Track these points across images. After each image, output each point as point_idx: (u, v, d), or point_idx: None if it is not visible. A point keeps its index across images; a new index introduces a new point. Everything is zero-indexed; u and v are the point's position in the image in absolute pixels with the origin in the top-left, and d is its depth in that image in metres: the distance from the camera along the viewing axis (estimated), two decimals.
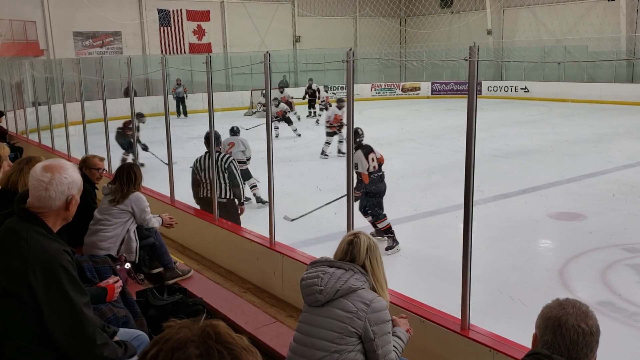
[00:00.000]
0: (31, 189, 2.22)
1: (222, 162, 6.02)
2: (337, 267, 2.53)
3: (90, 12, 23.21)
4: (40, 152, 10.64)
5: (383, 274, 2.61)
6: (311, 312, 2.52)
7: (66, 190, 2.22)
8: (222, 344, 1.06)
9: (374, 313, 2.42)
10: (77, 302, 2.15)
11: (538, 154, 12.60)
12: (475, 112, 3.25)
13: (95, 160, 4.97)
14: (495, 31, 28.43)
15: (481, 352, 3.21)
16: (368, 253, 2.57)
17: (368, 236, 2.64)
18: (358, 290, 2.46)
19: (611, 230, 7.21)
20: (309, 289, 2.50)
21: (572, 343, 1.79)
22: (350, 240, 2.60)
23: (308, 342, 2.48)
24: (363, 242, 2.58)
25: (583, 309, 1.84)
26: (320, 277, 2.49)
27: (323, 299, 2.46)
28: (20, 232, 2.14)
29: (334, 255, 2.66)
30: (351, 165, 4.17)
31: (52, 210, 2.22)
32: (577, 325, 1.79)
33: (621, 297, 5.40)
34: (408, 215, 8.24)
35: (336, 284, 2.46)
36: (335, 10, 29.39)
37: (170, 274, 4.61)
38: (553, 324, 1.82)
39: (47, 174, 2.20)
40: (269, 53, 4.80)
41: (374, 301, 2.44)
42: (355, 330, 2.41)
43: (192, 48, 26.77)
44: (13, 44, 19.64)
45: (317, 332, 2.46)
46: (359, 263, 2.56)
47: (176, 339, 1.06)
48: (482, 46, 4.97)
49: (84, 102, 9.25)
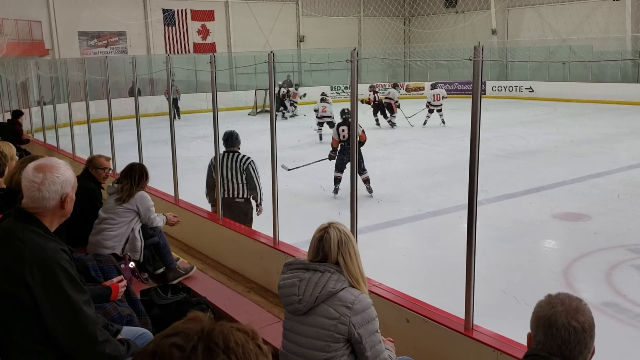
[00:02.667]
0: (24, 189, 2.21)
1: (241, 163, 5.93)
2: (313, 269, 2.42)
3: (95, 12, 23.29)
4: (45, 152, 10.68)
5: (358, 267, 2.47)
6: (295, 320, 2.46)
7: (60, 189, 2.20)
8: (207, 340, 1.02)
9: (357, 315, 2.35)
10: (76, 300, 2.15)
11: (543, 154, 12.57)
12: (479, 112, 3.24)
13: (101, 160, 4.99)
14: (499, 31, 28.38)
15: (485, 352, 3.20)
16: (340, 248, 2.43)
17: (339, 229, 2.48)
18: (338, 292, 2.36)
19: (616, 231, 7.19)
20: (288, 299, 2.43)
21: (563, 343, 1.73)
22: (320, 237, 2.47)
23: (299, 352, 2.42)
24: (333, 238, 2.44)
25: (573, 305, 1.77)
26: (296, 286, 2.40)
27: (303, 308, 2.39)
28: (16, 233, 2.14)
29: (307, 254, 2.55)
30: (354, 165, 4.17)
31: (48, 209, 2.21)
32: (568, 324, 1.73)
33: (626, 298, 5.38)
34: (412, 215, 8.23)
35: (314, 290, 2.37)
36: (340, 10, 29.37)
37: (173, 274, 4.62)
38: (544, 324, 1.77)
39: (39, 175, 2.18)
40: (273, 53, 4.80)
41: (356, 302, 2.36)
42: (342, 335, 2.35)
43: (197, 48, 26.82)
44: (18, 44, 19.71)
45: (304, 341, 2.40)
46: (331, 260, 2.44)
47: (173, 326, 1.06)
48: (487, 46, 4.98)
49: (89, 101, 9.28)
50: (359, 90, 4.11)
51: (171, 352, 0.99)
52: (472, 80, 3.23)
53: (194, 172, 9.48)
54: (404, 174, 9.58)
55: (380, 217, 7.93)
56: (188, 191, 6.67)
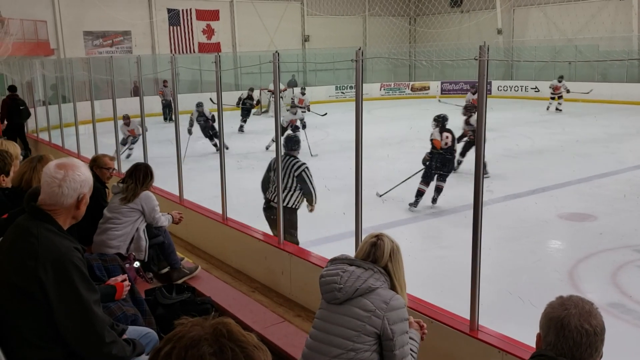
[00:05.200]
0: (44, 185, 2.24)
1: (294, 169, 5.74)
2: (357, 265, 2.53)
3: (101, 12, 23.34)
4: (51, 151, 10.72)
5: (403, 277, 2.62)
6: (329, 309, 2.52)
7: (78, 188, 2.24)
8: (234, 341, 1.07)
9: (393, 311, 2.42)
10: (88, 299, 2.17)
11: (548, 154, 12.53)
12: (485, 112, 3.24)
13: (105, 160, 4.99)
14: (505, 30, 28.27)
15: (490, 353, 3.19)
16: (391, 256, 2.57)
17: (391, 239, 2.63)
18: (377, 289, 2.46)
19: (622, 231, 7.15)
20: (328, 287, 2.51)
21: (575, 345, 1.74)
22: (374, 243, 2.60)
23: (325, 339, 2.48)
24: (387, 245, 2.58)
25: (586, 308, 1.79)
26: (339, 275, 2.49)
27: (342, 297, 2.46)
28: (31, 229, 2.16)
29: (355, 255, 2.66)
30: (359, 164, 4.15)
31: (64, 208, 2.24)
32: (581, 327, 1.74)
33: (632, 298, 5.35)
34: (417, 215, 8.22)
35: (355, 282, 2.46)
36: (345, 9, 29.36)
37: (178, 274, 4.62)
38: (556, 325, 1.78)
39: (60, 171, 2.22)
40: (278, 52, 4.80)
41: (393, 299, 2.45)
42: (374, 328, 2.41)
43: (202, 47, 26.84)
44: (24, 44, 19.75)
45: (334, 329, 2.46)
46: (381, 265, 2.56)
47: (189, 336, 1.07)
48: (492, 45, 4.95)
49: (94, 101, 9.31)
50: (364, 90, 4.10)
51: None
52: (478, 79, 3.22)
53: (199, 172, 9.51)
54: (409, 173, 9.54)
55: (384, 217, 7.91)
56: (193, 191, 6.67)
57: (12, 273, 2.12)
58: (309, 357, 2.53)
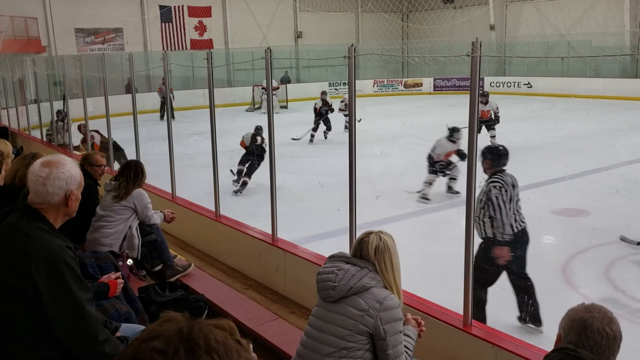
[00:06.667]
0: (30, 184, 2.23)
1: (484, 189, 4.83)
2: (353, 264, 2.52)
3: (92, 9, 23.19)
4: (42, 149, 10.65)
5: (394, 279, 2.56)
6: (324, 307, 2.53)
7: (64, 185, 2.22)
8: (188, 342, 0.99)
9: (386, 311, 2.42)
10: (80, 298, 2.16)
11: (541, 150, 12.55)
12: (477, 108, 3.24)
13: (97, 157, 4.97)
14: (498, 26, 28.33)
15: (483, 348, 3.20)
16: (376, 255, 2.54)
17: (380, 237, 2.59)
18: (371, 288, 2.45)
19: (615, 227, 7.18)
20: (323, 284, 2.52)
21: (595, 345, 1.84)
22: (360, 239, 2.61)
23: (318, 337, 2.49)
24: (371, 243, 2.55)
25: (608, 315, 1.90)
26: (335, 273, 2.49)
27: (336, 295, 2.47)
28: (22, 228, 2.15)
29: (350, 252, 2.67)
30: (354, 162, 4.15)
31: (52, 205, 2.22)
32: (602, 329, 1.85)
33: (625, 293, 5.38)
34: (410, 212, 8.23)
35: (350, 281, 2.45)
36: (337, 5, 29.30)
37: (171, 271, 4.61)
38: (578, 325, 1.87)
39: (45, 169, 2.20)
40: (271, 49, 4.78)
41: (387, 299, 2.44)
42: (367, 328, 2.41)
43: (194, 44, 26.74)
44: (14, 41, 19.63)
45: (328, 327, 2.47)
46: (370, 262, 2.55)
47: (151, 329, 1.03)
48: (485, 42, 4.96)
49: (86, 98, 9.25)
50: (357, 86, 4.09)
51: (153, 357, 0.96)
52: (470, 76, 3.22)
53: (192, 169, 9.47)
54: (402, 170, 9.57)
55: (378, 214, 7.90)
56: (185, 188, 6.65)
57: (5, 272, 2.12)
58: (303, 355, 2.53)
